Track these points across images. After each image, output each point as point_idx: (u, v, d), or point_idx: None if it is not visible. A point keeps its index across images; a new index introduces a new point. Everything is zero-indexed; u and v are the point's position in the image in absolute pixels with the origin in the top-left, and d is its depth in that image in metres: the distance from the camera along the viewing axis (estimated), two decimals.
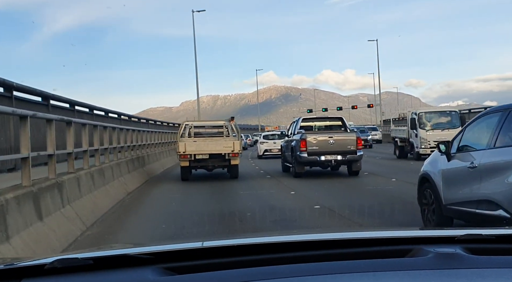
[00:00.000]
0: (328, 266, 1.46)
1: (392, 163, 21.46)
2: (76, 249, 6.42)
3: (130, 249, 1.81)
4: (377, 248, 1.61)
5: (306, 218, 8.43)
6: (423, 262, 1.46)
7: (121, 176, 12.86)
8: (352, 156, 14.97)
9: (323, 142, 15.09)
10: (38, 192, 6.44)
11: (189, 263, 1.51)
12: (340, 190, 12.46)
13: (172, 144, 26.49)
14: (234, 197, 11.72)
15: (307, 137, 15.18)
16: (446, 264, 1.44)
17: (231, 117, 17.43)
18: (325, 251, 1.59)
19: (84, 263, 1.48)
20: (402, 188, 11.90)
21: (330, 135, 15.33)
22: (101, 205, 9.61)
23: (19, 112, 6.59)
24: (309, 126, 17.08)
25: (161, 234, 7.46)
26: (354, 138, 15.14)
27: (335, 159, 15.07)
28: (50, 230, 6.42)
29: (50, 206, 6.85)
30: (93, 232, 7.73)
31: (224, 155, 15.14)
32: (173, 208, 10.18)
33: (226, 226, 7.87)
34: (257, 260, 1.51)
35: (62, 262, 1.47)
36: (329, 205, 9.59)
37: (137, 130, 18.19)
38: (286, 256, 1.54)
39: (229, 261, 1.50)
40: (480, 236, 1.67)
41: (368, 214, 8.44)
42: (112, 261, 1.54)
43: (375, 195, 11.21)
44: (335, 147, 15.00)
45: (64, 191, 7.65)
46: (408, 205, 8.50)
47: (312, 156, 15.07)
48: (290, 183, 14.15)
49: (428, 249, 1.53)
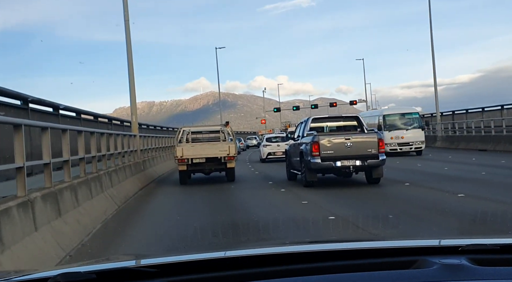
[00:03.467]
0: (331, 278, 1.46)
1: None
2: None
3: (133, 261, 1.87)
4: (381, 260, 1.60)
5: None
6: (429, 273, 1.46)
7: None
8: (373, 160, 12.91)
9: (339, 145, 12.96)
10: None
11: (193, 276, 1.49)
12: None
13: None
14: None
15: (320, 140, 13.01)
16: (452, 276, 1.43)
17: (226, 122, 17.64)
18: (329, 263, 1.59)
19: (87, 278, 1.46)
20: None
21: (347, 136, 13.18)
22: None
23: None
24: (320, 127, 14.91)
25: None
26: (376, 139, 13.08)
27: (354, 164, 12.95)
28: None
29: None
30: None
31: (220, 158, 15.39)
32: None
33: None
34: (262, 272, 1.50)
35: (65, 277, 1.45)
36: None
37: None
38: (291, 268, 1.53)
39: (232, 274, 1.49)
40: (484, 246, 1.69)
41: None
42: (115, 275, 1.52)
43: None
44: (354, 151, 12.90)
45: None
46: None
47: (326, 161, 12.92)
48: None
49: (433, 260, 1.53)
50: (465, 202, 9.57)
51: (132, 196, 13.05)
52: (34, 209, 5.99)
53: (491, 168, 16.15)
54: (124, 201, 11.74)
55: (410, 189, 12.07)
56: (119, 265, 1.73)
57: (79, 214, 7.93)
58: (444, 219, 7.99)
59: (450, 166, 17.48)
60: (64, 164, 8.40)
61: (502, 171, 14.90)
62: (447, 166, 17.71)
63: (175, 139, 16.80)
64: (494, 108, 29.51)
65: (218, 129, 17.90)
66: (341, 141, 13.02)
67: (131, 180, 14.09)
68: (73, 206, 7.82)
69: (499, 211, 8.18)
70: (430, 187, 12.11)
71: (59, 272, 1.48)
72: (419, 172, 16.52)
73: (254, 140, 56.82)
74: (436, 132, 34.67)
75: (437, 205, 9.28)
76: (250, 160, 28.85)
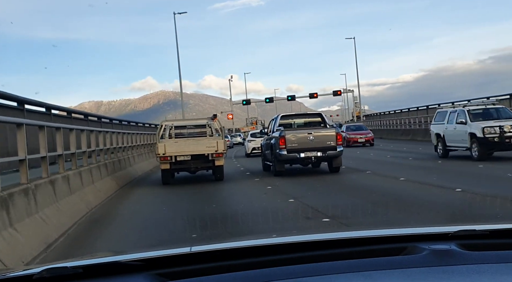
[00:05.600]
0: (322, 266, 1.45)
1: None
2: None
3: (120, 256, 1.75)
4: (371, 247, 1.60)
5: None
6: (419, 259, 1.47)
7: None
8: (332, 152, 14.86)
9: (303, 138, 14.88)
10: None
11: (180, 269, 1.48)
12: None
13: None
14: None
15: (286, 134, 14.88)
16: (442, 261, 1.44)
17: (214, 115, 16.58)
18: (318, 252, 1.57)
19: (74, 272, 1.45)
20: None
21: (309, 131, 15.15)
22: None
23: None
24: (288, 123, 16.81)
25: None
26: (334, 133, 15.08)
27: (315, 155, 14.90)
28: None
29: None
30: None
31: (208, 155, 14.29)
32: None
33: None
34: (249, 263, 1.49)
35: (51, 272, 1.44)
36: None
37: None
38: (279, 258, 1.52)
39: (220, 265, 1.49)
40: (473, 232, 1.69)
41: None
42: (102, 269, 1.51)
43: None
44: (315, 144, 14.83)
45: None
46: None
47: (291, 153, 14.81)
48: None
49: (423, 246, 1.53)
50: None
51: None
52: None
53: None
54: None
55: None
56: (106, 260, 1.74)
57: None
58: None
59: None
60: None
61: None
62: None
63: (157, 135, 15.69)
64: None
65: (205, 123, 16.44)
66: (304, 135, 14.95)
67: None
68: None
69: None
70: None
71: (45, 268, 1.47)
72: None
73: (238, 137, 55.24)
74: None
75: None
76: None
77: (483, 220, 6.64)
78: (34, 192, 7.29)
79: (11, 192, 6.46)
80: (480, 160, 15.41)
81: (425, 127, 31.25)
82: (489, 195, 8.82)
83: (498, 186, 10.28)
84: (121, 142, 18.20)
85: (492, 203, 8.15)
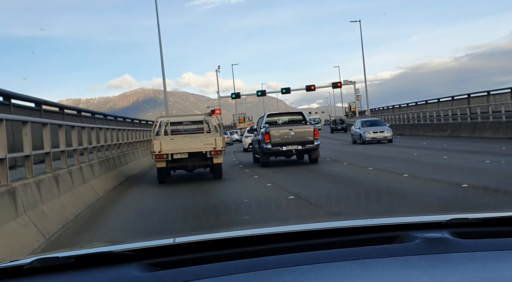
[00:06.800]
0: (315, 255, 1.45)
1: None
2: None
3: (112, 246, 1.80)
4: (364, 236, 1.62)
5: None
6: (412, 247, 1.48)
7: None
8: (310, 145, 17.34)
9: (285, 134, 17.34)
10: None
11: (173, 258, 1.49)
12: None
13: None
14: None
15: (271, 130, 17.30)
16: (435, 249, 1.45)
17: (212, 111, 17.37)
18: (311, 241, 1.59)
19: (65, 262, 1.45)
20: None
21: (291, 127, 17.67)
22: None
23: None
24: (273, 121, 19.45)
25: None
26: (312, 129, 17.64)
27: (296, 148, 17.37)
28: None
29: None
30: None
31: (205, 153, 13.79)
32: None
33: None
34: (242, 252, 1.50)
35: (42, 262, 1.44)
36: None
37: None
38: (271, 247, 1.53)
39: (212, 255, 1.50)
40: (466, 220, 1.71)
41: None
42: (94, 259, 1.51)
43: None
44: (295, 138, 17.32)
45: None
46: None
47: (275, 147, 17.30)
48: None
49: (416, 234, 1.55)
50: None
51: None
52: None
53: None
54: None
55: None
56: (98, 250, 1.73)
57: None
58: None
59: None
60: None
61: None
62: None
63: (152, 131, 14.95)
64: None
65: (202, 119, 16.11)
66: (286, 131, 17.47)
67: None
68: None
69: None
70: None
71: (36, 258, 1.46)
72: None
73: (235, 134, 53.28)
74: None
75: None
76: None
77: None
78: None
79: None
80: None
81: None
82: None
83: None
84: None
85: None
